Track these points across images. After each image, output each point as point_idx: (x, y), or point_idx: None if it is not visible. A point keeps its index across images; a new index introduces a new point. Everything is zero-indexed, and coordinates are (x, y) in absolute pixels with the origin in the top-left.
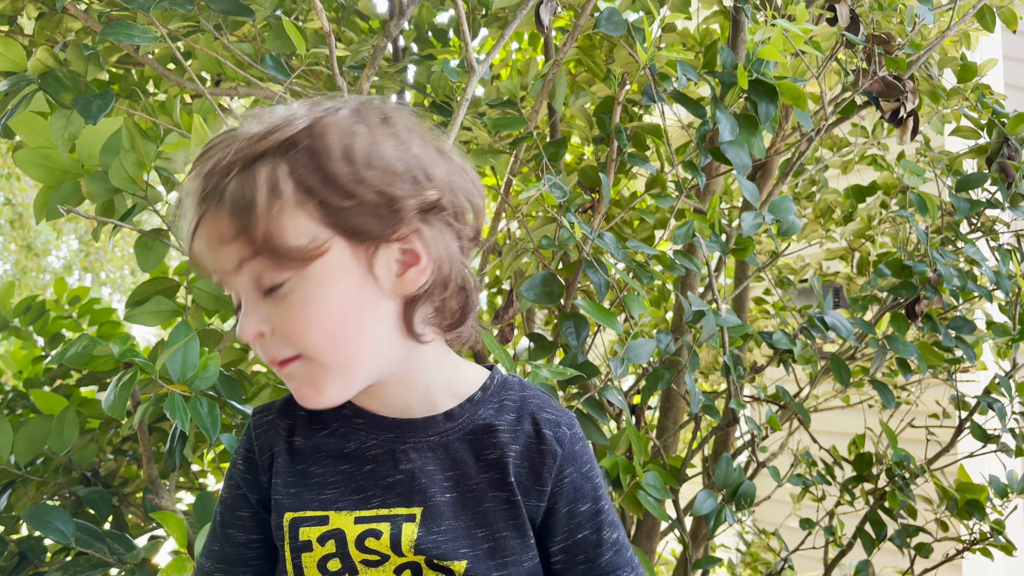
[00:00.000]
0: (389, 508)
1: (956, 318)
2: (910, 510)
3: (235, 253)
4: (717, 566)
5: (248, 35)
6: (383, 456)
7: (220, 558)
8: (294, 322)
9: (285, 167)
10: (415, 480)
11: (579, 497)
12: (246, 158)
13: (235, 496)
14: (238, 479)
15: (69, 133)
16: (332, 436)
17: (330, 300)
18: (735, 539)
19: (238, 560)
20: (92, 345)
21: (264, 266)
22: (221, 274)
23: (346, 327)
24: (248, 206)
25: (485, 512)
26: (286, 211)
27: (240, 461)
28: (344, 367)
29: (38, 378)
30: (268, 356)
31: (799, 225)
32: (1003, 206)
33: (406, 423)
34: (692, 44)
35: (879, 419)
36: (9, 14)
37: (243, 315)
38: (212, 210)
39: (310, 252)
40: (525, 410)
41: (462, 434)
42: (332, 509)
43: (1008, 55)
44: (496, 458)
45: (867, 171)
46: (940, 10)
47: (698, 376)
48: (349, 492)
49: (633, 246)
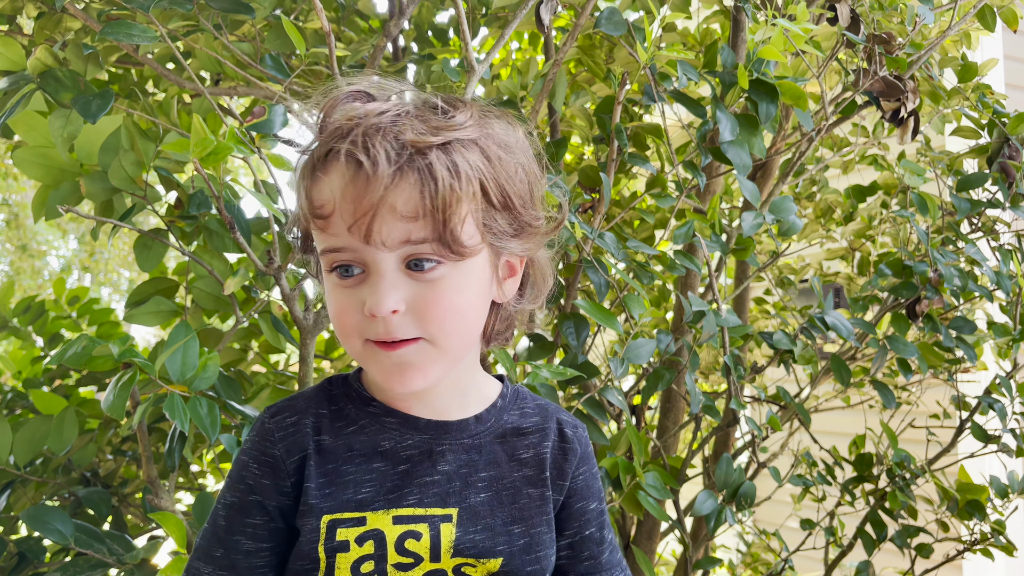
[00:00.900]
0: (425, 508)
1: (957, 318)
2: (911, 510)
3: (411, 230)
4: (717, 567)
5: (248, 35)
6: (419, 457)
7: (224, 565)
8: (439, 305)
9: (485, 170)
10: (451, 482)
11: (589, 495)
12: (443, 145)
13: (246, 502)
14: (251, 484)
15: (68, 132)
16: (362, 434)
17: (471, 292)
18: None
19: (246, 568)
20: (91, 345)
21: (429, 249)
22: (371, 238)
23: (473, 321)
24: (449, 194)
25: (521, 508)
26: (474, 211)
27: (254, 465)
28: (456, 356)
29: (37, 378)
30: (389, 333)
31: (799, 225)
32: (1004, 206)
33: (442, 425)
34: (692, 44)
35: (880, 419)
36: (8, 13)
37: (381, 288)
38: (406, 182)
39: (473, 250)
40: (547, 413)
41: (492, 437)
42: (369, 510)
43: (1009, 55)
44: (531, 456)
45: (868, 171)
46: (941, 10)
47: (698, 376)
48: (384, 491)
49: (633, 246)
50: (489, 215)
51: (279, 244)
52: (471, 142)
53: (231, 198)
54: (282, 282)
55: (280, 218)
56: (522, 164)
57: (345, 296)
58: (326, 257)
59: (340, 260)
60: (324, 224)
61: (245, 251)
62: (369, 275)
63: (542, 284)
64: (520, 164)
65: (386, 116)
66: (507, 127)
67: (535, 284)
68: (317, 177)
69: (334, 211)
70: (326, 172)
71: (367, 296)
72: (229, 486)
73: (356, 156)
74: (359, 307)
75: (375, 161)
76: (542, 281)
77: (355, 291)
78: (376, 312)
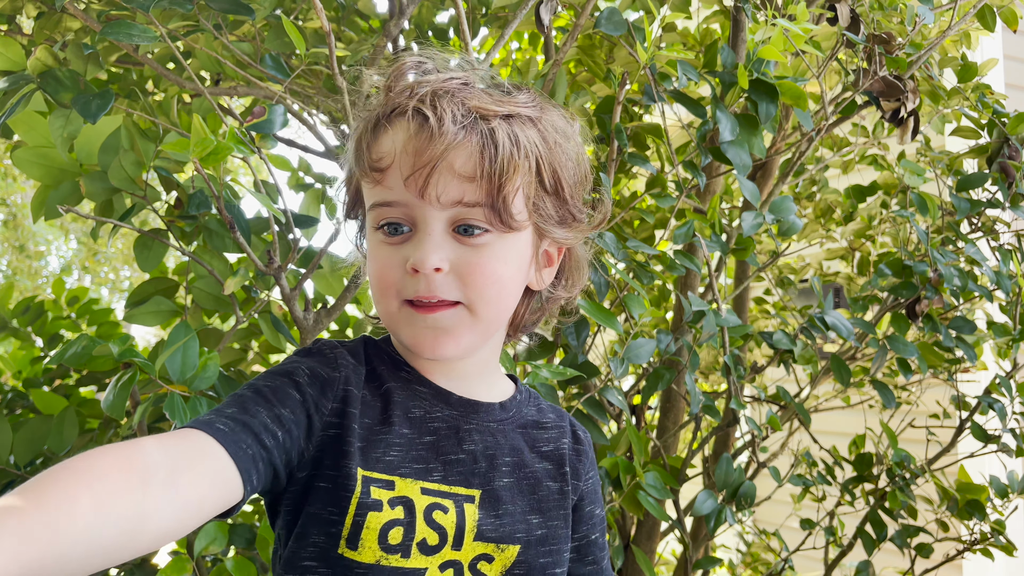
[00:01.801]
0: (450, 485)
1: (956, 318)
2: (910, 510)
3: (465, 191)
4: (717, 566)
5: (248, 35)
6: (446, 431)
7: (233, 417)
8: (482, 270)
9: (541, 149)
10: (476, 462)
11: (596, 500)
12: (506, 116)
13: (284, 391)
14: (297, 381)
15: (68, 132)
16: (395, 395)
17: (512, 266)
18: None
19: (252, 434)
20: (91, 345)
21: (480, 215)
22: (427, 192)
23: (510, 295)
24: (507, 161)
25: (540, 500)
26: (526, 186)
27: (307, 371)
28: (488, 328)
29: (37, 378)
30: (429, 290)
31: (799, 225)
32: (1003, 206)
33: (472, 404)
34: (692, 44)
35: (879, 419)
36: (8, 13)
37: (428, 244)
38: (468, 142)
39: (520, 224)
40: (561, 414)
41: (515, 426)
42: (396, 474)
43: (1009, 55)
44: (551, 450)
45: (867, 171)
46: (941, 10)
47: (698, 376)
48: (410, 459)
49: (633, 246)
50: (539, 195)
51: (279, 244)
52: (531, 120)
53: (231, 198)
54: (282, 282)
55: (280, 218)
56: (576, 155)
57: (389, 252)
58: (375, 212)
59: (389, 216)
60: (380, 177)
61: (245, 251)
62: (416, 233)
63: (577, 277)
64: (574, 154)
65: (454, 82)
66: (565, 117)
67: (570, 275)
68: (380, 132)
69: (392, 164)
70: (390, 127)
71: (412, 252)
72: (266, 376)
73: (423, 112)
74: (402, 264)
75: (441, 118)
76: (577, 274)
77: (400, 248)
78: (420, 267)
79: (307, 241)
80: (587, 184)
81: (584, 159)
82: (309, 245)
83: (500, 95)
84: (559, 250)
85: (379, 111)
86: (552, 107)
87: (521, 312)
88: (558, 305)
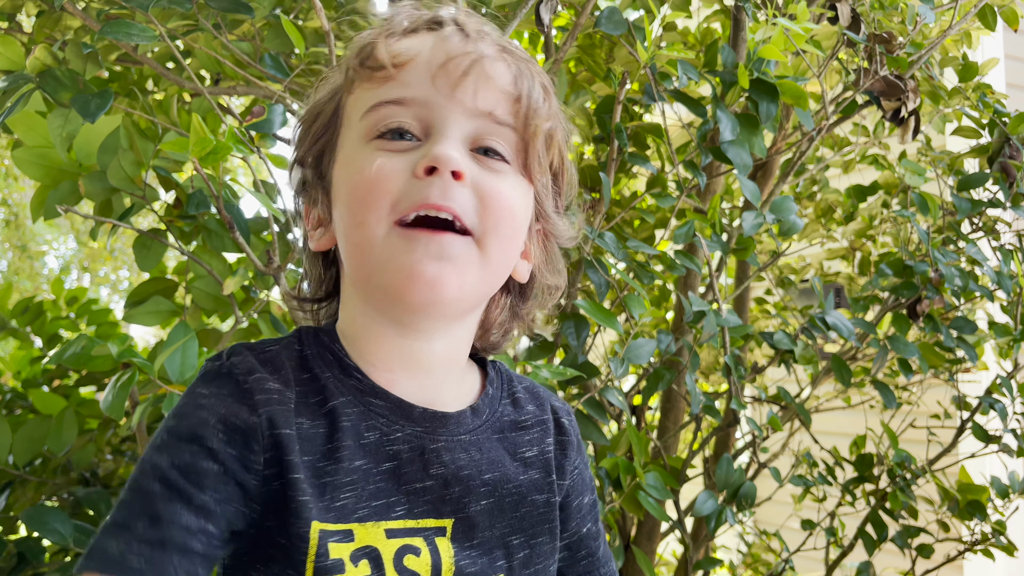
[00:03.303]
0: (416, 519)
1: (958, 318)
2: (911, 511)
3: (499, 102)
4: (718, 567)
5: (247, 34)
6: (409, 455)
7: (149, 539)
8: (504, 197)
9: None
10: (447, 488)
11: (584, 489)
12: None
13: (200, 469)
14: (212, 448)
15: (67, 132)
16: (342, 417)
17: (524, 215)
18: (736, 540)
19: (178, 549)
20: (90, 345)
21: (507, 137)
22: (459, 89)
23: (517, 247)
24: (541, 102)
25: (523, 517)
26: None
27: (219, 425)
28: (493, 276)
29: (36, 378)
30: (445, 199)
31: (800, 225)
32: (1004, 206)
33: (438, 417)
34: (693, 43)
35: (880, 420)
36: (9, 12)
37: (448, 142)
38: (503, 63)
39: (534, 174)
40: (540, 399)
41: (491, 432)
42: (353, 520)
43: (1009, 54)
44: (535, 455)
45: (868, 171)
46: (941, 9)
47: (699, 376)
48: (367, 496)
49: (633, 246)
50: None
51: (278, 244)
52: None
53: (230, 198)
54: (281, 282)
55: (279, 217)
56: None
57: (389, 159)
58: (374, 114)
59: (396, 117)
60: (393, 72)
61: (244, 251)
62: (431, 138)
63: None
64: (567, 143)
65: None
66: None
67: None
68: (400, 36)
69: (415, 59)
70: (414, 33)
71: (426, 151)
72: (170, 445)
73: (459, 20)
74: (407, 169)
75: (479, 34)
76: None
77: (405, 155)
78: (440, 163)
79: None
80: (572, 193)
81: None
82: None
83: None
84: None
85: (396, 21)
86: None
87: (497, 307)
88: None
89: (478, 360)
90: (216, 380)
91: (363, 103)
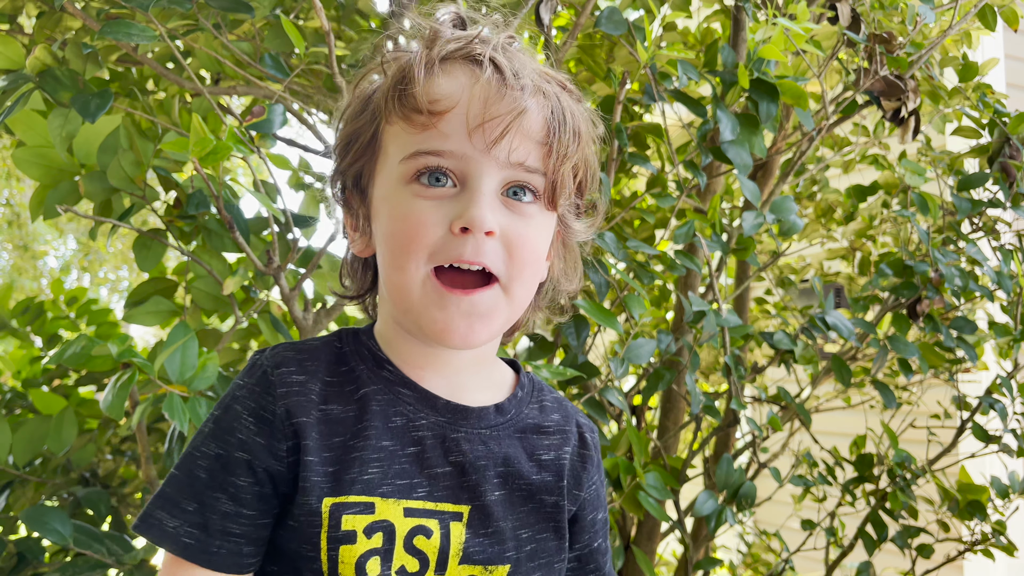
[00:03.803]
0: (436, 502)
1: (958, 318)
2: (911, 511)
3: (531, 153)
4: (718, 567)
5: (247, 34)
6: (432, 441)
7: (195, 523)
8: (531, 243)
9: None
10: (464, 475)
11: (599, 505)
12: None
13: (233, 458)
14: (242, 439)
15: (67, 132)
16: (373, 402)
17: (546, 247)
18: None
19: (219, 532)
20: (90, 345)
21: (537, 181)
22: (497, 147)
23: (539, 277)
24: (574, 136)
25: (529, 513)
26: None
27: (249, 418)
28: (516, 312)
29: (36, 378)
30: (478, 256)
31: (800, 225)
32: (1004, 206)
33: (460, 409)
34: (693, 43)
35: (880, 420)
36: (9, 12)
37: (483, 202)
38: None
39: (560, 206)
40: (567, 412)
41: (512, 431)
42: (376, 494)
43: (1010, 54)
44: (551, 459)
45: (868, 171)
46: (941, 9)
47: (699, 376)
48: (392, 475)
49: (634, 246)
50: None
51: (278, 244)
52: (579, 100)
53: (230, 198)
54: (281, 282)
55: (279, 217)
56: (592, 145)
57: (427, 207)
58: (414, 160)
59: (437, 165)
60: (433, 121)
61: (244, 251)
62: (465, 190)
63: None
64: (592, 144)
65: (516, 41)
66: (584, 103)
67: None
68: (436, 71)
69: (455, 109)
70: (451, 70)
71: (462, 210)
72: (214, 434)
73: (497, 62)
74: (444, 222)
75: (517, 73)
76: (572, 271)
77: (442, 204)
78: (474, 226)
79: (306, 241)
80: (595, 186)
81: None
82: (308, 245)
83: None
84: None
85: (434, 51)
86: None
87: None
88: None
89: (513, 365)
90: (250, 372)
91: (402, 144)
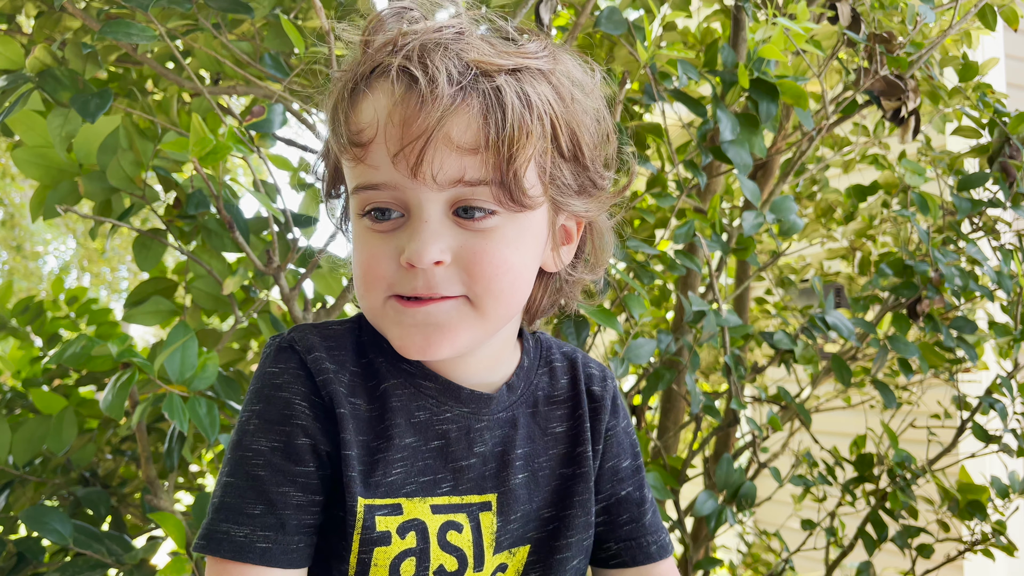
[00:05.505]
0: (461, 496)
1: (958, 318)
2: (911, 511)
3: (467, 166)
4: (718, 567)
5: (247, 34)
6: (457, 434)
7: (268, 524)
8: (490, 259)
9: (557, 107)
10: (487, 464)
11: (621, 452)
12: (512, 71)
13: (295, 446)
14: (302, 424)
15: (67, 132)
16: (394, 398)
17: (525, 252)
18: (736, 540)
19: (296, 526)
20: (90, 345)
21: (486, 194)
22: (420, 172)
23: (523, 286)
24: (518, 127)
25: (554, 490)
26: (540, 154)
27: (303, 402)
28: (495, 325)
29: (36, 378)
30: (429, 287)
31: (800, 224)
32: (1005, 205)
33: (483, 398)
34: (693, 43)
35: (880, 419)
36: (8, 12)
37: (424, 234)
38: (468, 107)
39: (535, 202)
40: (576, 369)
41: (525, 407)
42: (401, 495)
43: (1010, 54)
44: (564, 431)
45: (868, 170)
46: (942, 9)
47: (699, 376)
48: (415, 473)
49: (634, 246)
50: (556, 164)
51: (278, 243)
52: (543, 74)
53: (230, 197)
54: (281, 282)
55: (279, 217)
56: (596, 111)
57: (378, 242)
58: (359, 196)
59: (377, 200)
60: (361, 153)
61: (244, 251)
62: (410, 219)
63: (601, 253)
64: (594, 110)
65: (447, 33)
66: (583, 67)
67: (593, 252)
68: (359, 98)
69: (376, 137)
70: (371, 91)
71: (406, 243)
72: (263, 428)
73: (410, 72)
74: (394, 256)
75: (433, 79)
76: (601, 250)
77: (391, 237)
78: (416, 262)
79: (306, 240)
80: (609, 144)
81: (605, 115)
82: (308, 245)
83: (504, 45)
84: (578, 224)
85: (356, 71)
86: (567, 55)
87: (538, 296)
88: (580, 288)
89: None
90: (281, 355)
91: (350, 177)
